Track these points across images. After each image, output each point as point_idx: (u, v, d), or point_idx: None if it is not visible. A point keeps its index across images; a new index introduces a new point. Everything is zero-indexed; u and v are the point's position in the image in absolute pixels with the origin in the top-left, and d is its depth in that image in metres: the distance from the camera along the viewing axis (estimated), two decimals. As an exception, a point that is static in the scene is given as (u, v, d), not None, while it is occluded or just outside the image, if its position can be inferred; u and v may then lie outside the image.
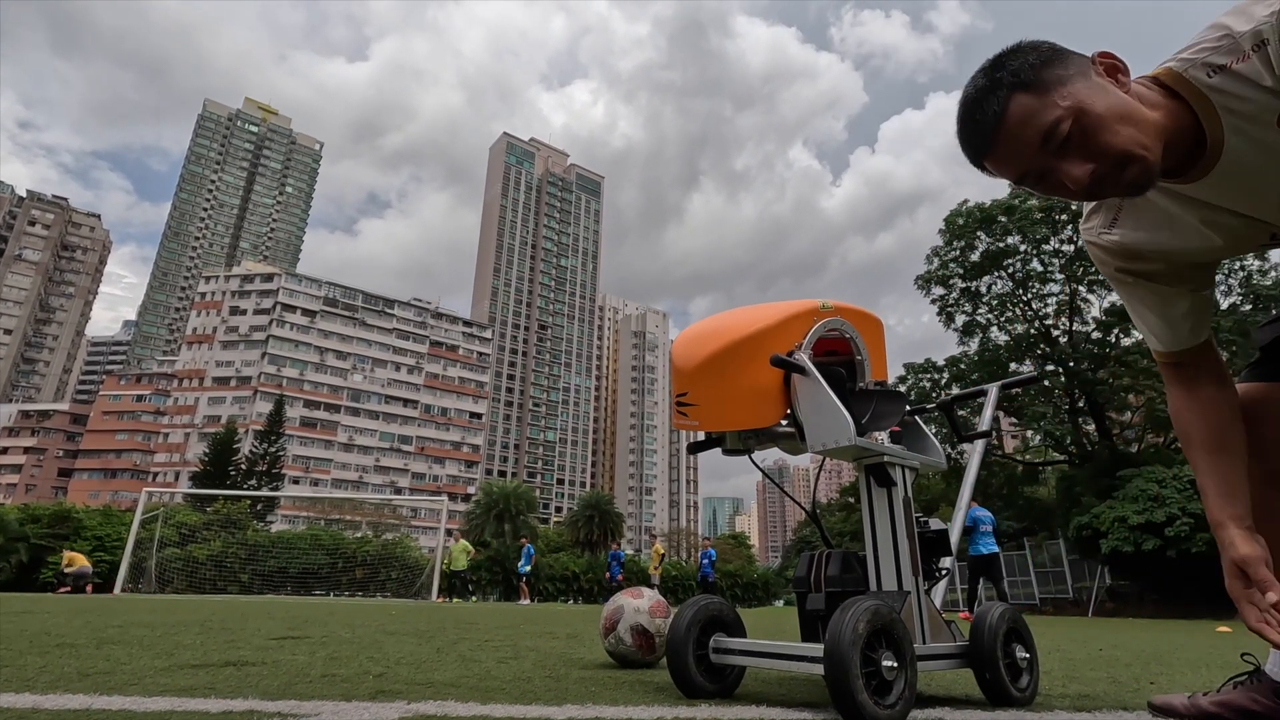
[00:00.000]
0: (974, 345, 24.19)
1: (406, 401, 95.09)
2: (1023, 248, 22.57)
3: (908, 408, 1.81)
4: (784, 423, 1.76)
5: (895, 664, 1.34)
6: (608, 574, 18.06)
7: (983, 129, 1.00)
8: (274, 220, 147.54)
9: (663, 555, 17.45)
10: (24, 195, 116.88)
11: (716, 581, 18.29)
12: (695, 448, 1.90)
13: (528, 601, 17.58)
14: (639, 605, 2.30)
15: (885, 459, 1.63)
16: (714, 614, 1.72)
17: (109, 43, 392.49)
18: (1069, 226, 21.27)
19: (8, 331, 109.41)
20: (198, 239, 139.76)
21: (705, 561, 17.90)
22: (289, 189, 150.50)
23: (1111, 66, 1.00)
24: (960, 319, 24.22)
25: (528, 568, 18.02)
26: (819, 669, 1.34)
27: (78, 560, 17.53)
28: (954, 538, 3.38)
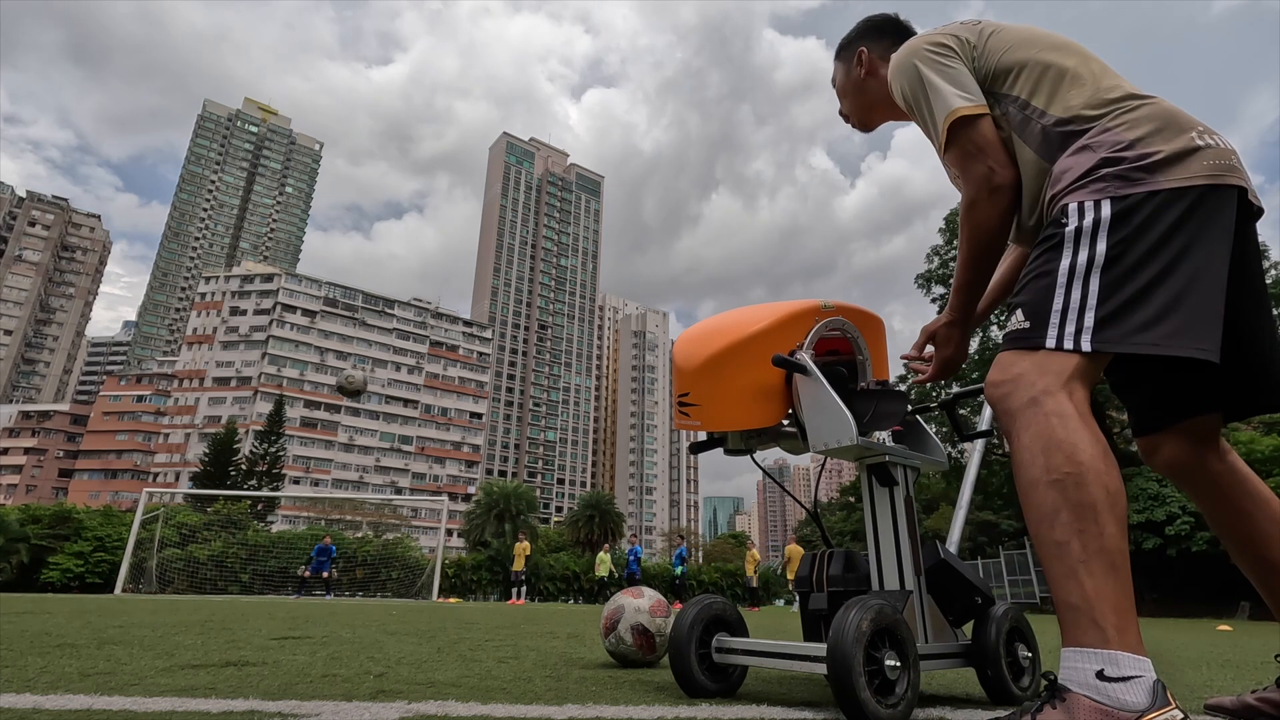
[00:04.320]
0: (974, 344, 24.20)
1: (407, 401, 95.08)
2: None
3: (909, 407, 1.81)
4: (786, 422, 1.75)
5: (898, 663, 1.34)
6: (627, 571, 17.47)
7: None
8: (274, 220, 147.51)
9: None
10: (24, 196, 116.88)
11: (690, 581, 18.14)
12: (697, 447, 1.90)
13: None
14: (639, 605, 2.30)
15: (887, 458, 1.63)
16: (716, 613, 1.72)
17: (125, 50, 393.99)
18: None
19: (8, 332, 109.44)
20: (198, 239, 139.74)
21: (676, 560, 17.77)
22: (289, 189, 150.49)
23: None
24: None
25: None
26: (821, 668, 1.34)
27: (522, 554, 16.67)
28: (954, 537, 3.35)
